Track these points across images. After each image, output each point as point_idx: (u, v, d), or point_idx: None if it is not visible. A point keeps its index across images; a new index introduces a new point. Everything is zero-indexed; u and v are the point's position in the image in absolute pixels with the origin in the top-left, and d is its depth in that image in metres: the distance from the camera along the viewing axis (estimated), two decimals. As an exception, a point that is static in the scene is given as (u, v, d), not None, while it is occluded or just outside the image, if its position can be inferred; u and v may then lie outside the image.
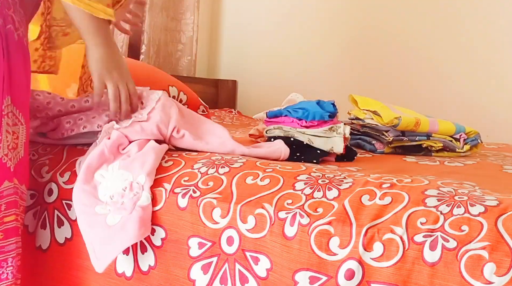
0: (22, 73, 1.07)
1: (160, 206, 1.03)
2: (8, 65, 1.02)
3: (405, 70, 2.69)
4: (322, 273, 0.84)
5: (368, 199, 0.88)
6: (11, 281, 1.04)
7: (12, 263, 1.04)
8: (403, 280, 0.78)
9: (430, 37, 2.63)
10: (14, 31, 1.04)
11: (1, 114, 1.01)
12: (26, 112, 1.08)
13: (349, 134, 1.29)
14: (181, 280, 0.99)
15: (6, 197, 1.03)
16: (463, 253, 0.75)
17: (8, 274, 1.03)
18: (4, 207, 1.02)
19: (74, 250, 1.13)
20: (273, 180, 0.99)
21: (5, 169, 1.02)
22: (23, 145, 1.08)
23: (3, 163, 1.02)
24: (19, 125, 1.06)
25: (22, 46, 1.07)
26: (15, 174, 1.05)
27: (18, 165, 1.06)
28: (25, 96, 1.09)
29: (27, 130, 1.09)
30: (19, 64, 1.05)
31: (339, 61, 2.87)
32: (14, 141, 1.05)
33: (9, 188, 1.03)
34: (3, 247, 1.03)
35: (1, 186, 1.02)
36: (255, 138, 1.56)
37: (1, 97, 1.01)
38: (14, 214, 1.04)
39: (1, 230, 1.02)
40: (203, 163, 1.09)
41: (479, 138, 1.54)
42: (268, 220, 0.92)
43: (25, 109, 1.08)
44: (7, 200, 1.03)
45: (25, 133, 1.08)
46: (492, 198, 0.83)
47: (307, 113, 1.29)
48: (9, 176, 1.03)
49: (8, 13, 1.04)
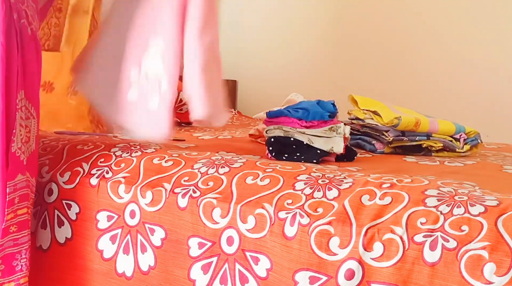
0: (35, 67, 1.08)
1: (160, 206, 1.03)
2: (22, 59, 1.04)
3: (406, 70, 2.68)
4: (322, 273, 0.84)
5: (368, 199, 0.88)
6: (25, 273, 1.05)
7: (26, 255, 1.06)
8: (403, 280, 0.78)
9: (430, 37, 2.63)
10: (27, 25, 1.06)
11: (15, 108, 1.02)
12: (37, 105, 1.10)
13: (349, 134, 1.29)
14: (181, 280, 0.99)
15: (20, 190, 1.04)
16: (463, 253, 0.75)
17: (23, 266, 1.05)
18: (18, 200, 1.04)
19: (75, 250, 1.13)
20: (273, 180, 0.99)
21: (19, 162, 1.04)
22: (34, 139, 1.09)
23: (17, 157, 1.03)
24: (31, 118, 1.07)
25: (35, 41, 1.08)
26: (28, 167, 1.06)
27: (30, 158, 1.07)
28: (37, 90, 1.10)
29: (38, 123, 1.10)
30: (32, 58, 1.07)
31: (340, 61, 2.87)
32: (27, 135, 1.06)
33: (22, 181, 1.05)
34: (17, 240, 1.04)
35: (15, 179, 1.03)
36: (255, 138, 1.56)
37: (15, 92, 1.02)
38: (26, 207, 1.06)
39: (15, 223, 1.04)
40: (203, 163, 1.09)
41: (479, 138, 1.54)
42: (268, 220, 0.92)
43: (36, 103, 1.09)
44: (20, 193, 1.05)
45: (36, 126, 1.09)
46: (492, 198, 0.83)
47: (307, 113, 1.28)
48: (22, 169, 1.05)
49: (22, 7, 1.05)
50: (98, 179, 1.13)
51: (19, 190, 1.04)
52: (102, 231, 1.10)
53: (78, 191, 1.14)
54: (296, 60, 2.97)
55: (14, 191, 1.03)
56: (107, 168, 1.15)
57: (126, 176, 1.11)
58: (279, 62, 3.01)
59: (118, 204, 1.09)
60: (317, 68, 2.91)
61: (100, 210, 1.11)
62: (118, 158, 1.17)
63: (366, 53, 2.79)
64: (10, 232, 1.03)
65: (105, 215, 1.10)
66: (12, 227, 1.03)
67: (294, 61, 2.97)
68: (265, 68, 3.06)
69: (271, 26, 3.06)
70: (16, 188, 1.04)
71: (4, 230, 1.02)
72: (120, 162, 1.16)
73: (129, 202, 1.07)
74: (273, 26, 3.05)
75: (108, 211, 1.10)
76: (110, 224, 1.09)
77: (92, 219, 1.11)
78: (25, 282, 1.05)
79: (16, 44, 1.02)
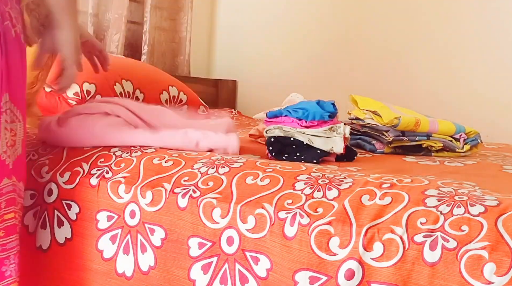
0: (19, 70, 1.06)
1: (160, 206, 1.03)
2: (6, 62, 1.02)
3: (406, 70, 2.68)
4: (322, 273, 0.84)
5: (368, 199, 0.88)
6: (14, 278, 1.04)
7: (14, 260, 1.05)
8: (403, 280, 0.78)
9: (430, 37, 2.63)
10: (11, 27, 1.04)
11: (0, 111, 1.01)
12: (23, 108, 1.08)
13: (349, 134, 1.29)
14: (181, 280, 0.99)
15: (6, 194, 1.03)
16: (463, 253, 0.75)
17: (12, 271, 1.04)
18: (4, 204, 1.02)
19: (75, 250, 1.13)
20: (273, 180, 0.99)
21: (4, 166, 1.02)
22: (21, 142, 1.07)
23: (2, 160, 1.01)
24: (17, 122, 1.06)
25: (19, 43, 1.07)
26: (14, 171, 1.04)
27: (16, 162, 1.05)
28: (22, 92, 1.08)
29: (24, 126, 1.09)
30: (17, 61, 1.05)
31: (340, 61, 2.87)
32: (12, 138, 1.04)
33: (8, 185, 1.03)
34: (4, 245, 1.03)
35: (1, 184, 1.02)
36: (255, 138, 1.56)
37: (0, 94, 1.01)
38: (13, 212, 1.04)
39: (2, 228, 1.03)
40: (203, 163, 1.09)
41: (479, 138, 1.54)
42: (268, 220, 0.92)
43: (22, 106, 1.08)
44: (7, 198, 1.03)
45: (22, 130, 1.07)
46: (492, 198, 0.83)
47: (307, 113, 1.28)
48: (8, 173, 1.03)
49: (5, 9, 1.03)
50: (98, 179, 1.13)
51: (5, 194, 1.02)
52: (102, 231, 1.10)
53: (78, 191, 1.14)
54: (296, 60, 2.97)
55: (0, 195, 1.02)
56: (107, 168, 1.15)
57: (126, 176, 1.11)
58: (279, 62, 3.01)
59: (118, 204, 1.09)
60: (317, 68, 2.91)
61: (100, 210, 1.11)
62: (118, 158, 1.17)
63: (367, 53, 2.79)
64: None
65: (105, 215, 1.10)
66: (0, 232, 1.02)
67: (294, 61, 2.97)
68: (265, 68, 3.06)
69: (271, 26, 3.06)
70: (2, 192, 1.02)
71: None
72: (120, 162, 1.16)
73: (129, 202, 1.07)
74: (273, 26, 3.05)
75: (108, 211, 1.10)
76: (110, 224, 1.09)
77: (92, 219, 1.11)
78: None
79: (0, 47, 1.00)
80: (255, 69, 3.09)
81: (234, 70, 3.16)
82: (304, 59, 2.95)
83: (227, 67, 3.21)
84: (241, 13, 3.17)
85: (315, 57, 2.93)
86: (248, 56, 3.13)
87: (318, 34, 2.93)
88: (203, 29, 3.20)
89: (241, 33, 3.16)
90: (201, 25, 3.16)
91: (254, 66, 3.10)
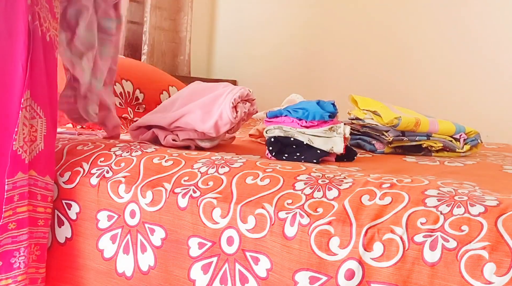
0: (43, 69, 1.09)
1: (160, 206, 1.03)
2: (31, 60, 1.05)
3: (406, 70, 2.69)
4: (322, 273, 0.84)
5: (368, 199, 0.88)
6: (23, 270, 1.06)
7: (24, 253, 1.06)
8: (403, 280, 0.78)
9: (430, 37, 2.63)
10: (39, 27, 1.07)
11: (19, 107, 1.04)
12: (46, 106, 1.10)
13: (349, 134, 1.29)
14: (181, 280, 0.99)
15: (20, 188, 1.05)
16: (463, 253, 0.75)
17: (20, 263, 1.05)
18: (17, 198, 1.05)
19: (75, 250, 1.13)
20: (273, 180, 0.99)
21: (19, 160, 1.05)
22: (43, 138, 1.10)
23: (18, 155, 1.04)
24: (37, 118, 1.08)
25: (45, 42, 1.09)
26: (32, 166, 1.07)
27: (37, 157, 1.08)
28: (45, 91, 1.11)
29: (48, 123, 1.11)
30: (41, 60, 1.08)
31: (340, 61, 2.87)
32: (33, 134, 1.07)
33: (23, 179, 1.06)
34: (15, 237, 1.05)
35: (15, 177, 1.04)
36: (255, 138, 1.56)
37: (21, 91, 1.04)
38: (27, 205, 1.06)
39: (14, 220, 1.04)
40: (203, 163, 1.09)
41: (479, 138, 1.54)
42: (268, 220, 0.92)
43: (43, 103, 1.10)
44: (20, 191, 1.05)
45: (44, 126, 1.10)
46: (492, 198, 0.83)
47: (307, 113, 1.29)
48: (24, 168, 1.05)
49: (36, 9, 1.06)
50: (98, 179, 1.13)
51: (19, 188, 1.05)
52: (102, 230, 1.10)
53: (78, 190, 1.14)
54: (296, 60, 2.97)
55: (13, 188, 1.04)
56: (107, 168, 1.15)
57: (126, 176, 1.11)
58: (279, 62, 3.02)
59: (118, 204, 1.09)
60: (317, 68, 2.91)
61: (100, 210, 1.11)
62: (118, 158, 1.17)
63: (367, 53, 2.79)
64: (8, 229, 1.04)
65: (105, 214, 1.10)
66: (11, 224, 1.04)
67: (294, 61, 2.97)
68: (265, 68, 3.06)
69: (271, 26, 3.06)
70: (16, 186, 1.04)
71: (2, 227, 1.02)
72: (120, 162, 1.16)
73: (129, 202, 1.07)
74: (273, 26, 3.05)
75: (108, 211, 1.10)
76: (110, 224, 1.09)
77: (92, 218, 1.11)
78: (23, 279, 1.05)
79: (27, 45, 1.04)
80: (255, 69, 3.10)
81: (234, 70, 3.16)
82: (304, 60, 2.95)
83: (227, 67, 3.21)
84: (241, 13, 3.17)
85: (315, 57, 2.93)
86: (248, 56, 3.13)
87: (318, 35, 2.93)
88: (203, 29, 3.20)
89: (241, 33, 3.17)
90: (201, 25, 3.16)
91: (254, 66, 3.11)
